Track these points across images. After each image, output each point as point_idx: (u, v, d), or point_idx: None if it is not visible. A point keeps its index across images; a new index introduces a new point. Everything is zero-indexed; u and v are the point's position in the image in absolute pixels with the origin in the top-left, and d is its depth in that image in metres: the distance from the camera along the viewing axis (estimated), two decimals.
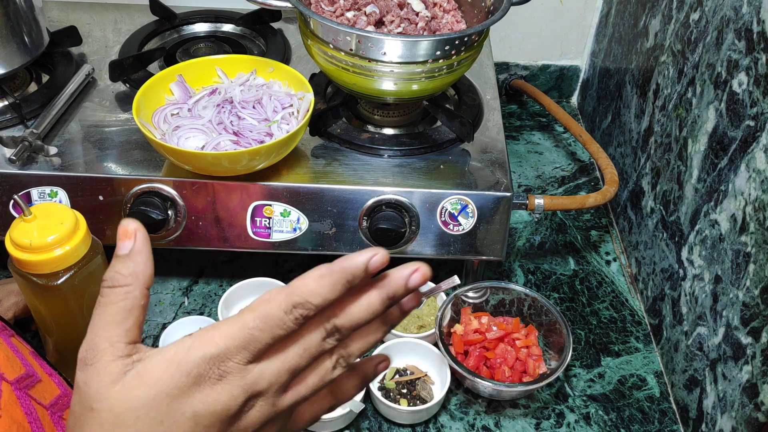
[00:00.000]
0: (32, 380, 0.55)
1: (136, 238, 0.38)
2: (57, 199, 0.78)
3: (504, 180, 0.81)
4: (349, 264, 0.37)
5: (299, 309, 0.36)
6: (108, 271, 0.39)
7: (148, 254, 0.39)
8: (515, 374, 0.77)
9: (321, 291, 0.36)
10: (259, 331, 0.36)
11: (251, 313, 0.36)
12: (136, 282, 0.38)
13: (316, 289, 0.36)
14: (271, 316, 0.36)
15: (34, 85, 0.93)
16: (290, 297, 0.36)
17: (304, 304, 0.36)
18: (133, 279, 0.38)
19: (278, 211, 0.79)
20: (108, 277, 0.39)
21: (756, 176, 0.65)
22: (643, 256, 0.92)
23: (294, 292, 0.36)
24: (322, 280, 0.36)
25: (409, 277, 0.40)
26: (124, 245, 0.38)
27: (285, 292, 0.36)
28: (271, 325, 0.36)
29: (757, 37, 0.65)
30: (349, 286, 0.37)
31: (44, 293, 0.66)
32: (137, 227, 0.38)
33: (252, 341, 0.36)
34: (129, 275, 0.38)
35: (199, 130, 0.78)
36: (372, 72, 0.76)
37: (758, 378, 0.63)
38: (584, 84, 1.27)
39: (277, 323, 0.36)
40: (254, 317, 0.36)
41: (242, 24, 1.05)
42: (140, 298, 0.38)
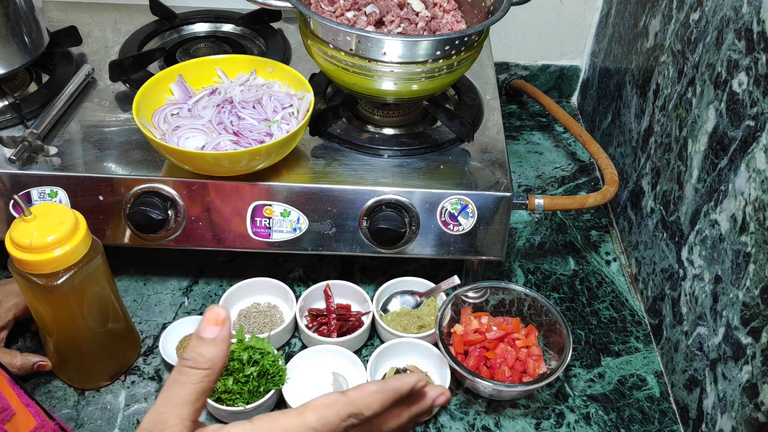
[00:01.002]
0: (7, 414, 0.56)
1: (224, 326, 0.42)
2: (57, 199, 0.78)
3: (504, 180, 0.81)
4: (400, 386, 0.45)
5: (353, 419, 0.42)
6: (190, 350, 0.41)
7: (229, 343, 0.43)
8: (515, 374, 0.77)
9: (373, 405, 0.43)
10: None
11: (313, 414, 0.41)
12: (214, 367, 0.41)
13: (371, 404, 0.43)
14: (330, 422, 0.41)
15: (34, 85, 0.93)
16: (348, 407, 0.42)
17: (358, 414, 0.42)
18: (213, 364, 0.41)
19: (278, 211, 0.79)
20: (189, 357, 0.41)
21: (756, 176, 0.65)
22: (643, 256, 0.92)
23: (352, 403, 0.42)
24: (377, 396, 0.43)
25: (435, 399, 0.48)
26: (212, 330, 0.41)
27: (344, 401, 0.42)
28: (328, 428, 0.41)
29: (757, 37, 0.65)
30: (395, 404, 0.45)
31: (44, 293, 0.66)
32: (227, 316, 0.42)
33: None
34: (210, 360, 0.41)
35: (199, 130, 0.78)
36: (372, 72, 0.76)
37: (758, 378, 0.63)
38: (584, 84, 1.27)
39: (333, 428, 0.42)
40: (316, 419, 0.41)
41: (242, 24, 1.05)
42: (213, 382, 0.42)
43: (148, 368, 0.80)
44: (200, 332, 0.41)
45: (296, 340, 0.84)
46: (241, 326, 0.82)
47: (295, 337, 0.84)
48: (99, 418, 0.75)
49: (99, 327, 0.73)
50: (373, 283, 0.90)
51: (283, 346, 0.83)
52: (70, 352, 0.73)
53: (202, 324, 0.42)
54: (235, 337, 0.73)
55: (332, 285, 0.85)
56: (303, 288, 0.86)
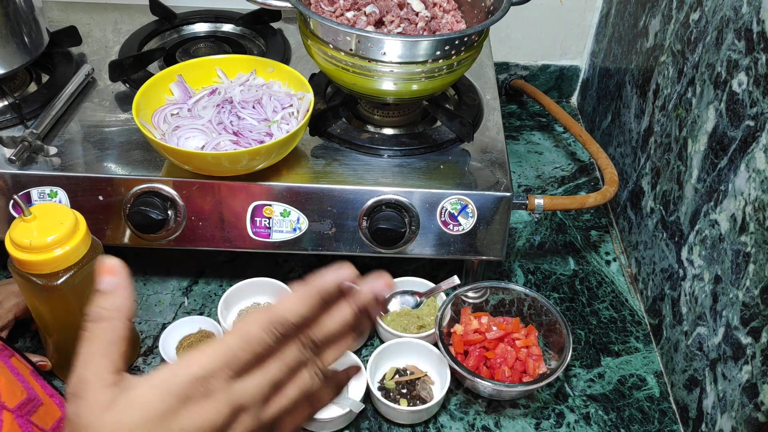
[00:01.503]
0: (34, 405, 0.55)
1: (119, 274, 0.41)
2: (57, 199, 0.78)
3: (504, 180, 0.81)
4: (322, 282, 0.41)
5: (278, 327, 0.39)
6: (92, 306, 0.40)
7: (129, 289, 0.41)
8: (515, 374, 0.77)
9: (297, 309, 0.40)
10: (241, 350, 0.38)
11: (233, 334, 0.39)
12: (118, 316, 0.40)
13: (293, 308, 0.40)
14: (252, 335, 0.39)
15: (34, 85, 0.93)
16: (269, 316, 0.39)
17: (282, 322, 0.39)
18: (117, 313, 0.40)
19: (278, 211, 0.79)
20: (91, 311, 0.40)
21: (756, 176, 0.65)
22: (643, 256, 0.92)
23: (273, 312, 0.39)
24: (299, 299, 0.40)
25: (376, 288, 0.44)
26: (107, 280, 0.41)
27: (264, 312, 0.39)
28: (252, 344, 0.39)
29: (757, 37, 0.65)
30: (323, 303, 0.41)
31: (44, 293, 0.66)
32: (118, 263, 0.41)
33: (234, 359, 0.38)
34: (112, 310, 0.40)
35: (199, 130, 0.78)
36: (372, 72, 0.76)
37: (758, 378, 0.63)
38: (584, 84, 1.27)
39: (258, 341, 0.39)
40: (236, 337, 0.39)
41: (242, 24, 1.05)
42: (123, 330, 0.41)
43: (148, 368, 0.80)
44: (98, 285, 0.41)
45: None
46: None
47: None
48: None
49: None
50: None
51: None
52: (70, 352, 0.73)
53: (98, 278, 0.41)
54: None
55: None
56: None
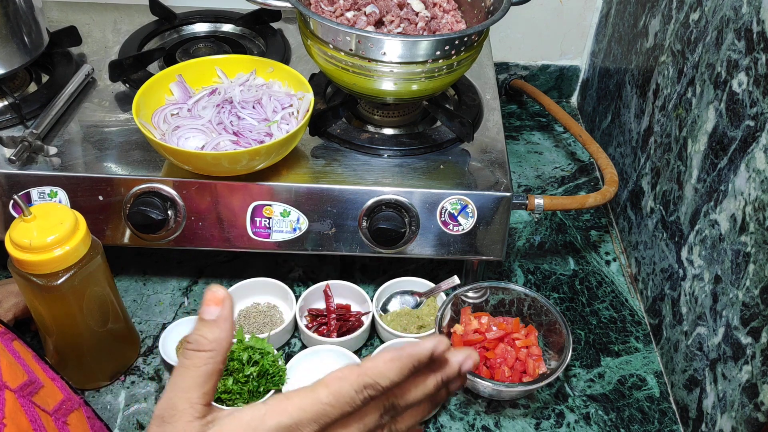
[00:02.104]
0: (35, 386, 0.55)
1: (224, 305, 0.41)
2: (57, 199, 0.78)
3: (504, 180, 0.81)
4: (417, 351, 0.41)
5: (369, 390, 0.40)
6: (193, 333, 0.41)
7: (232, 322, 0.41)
8: (515, 374, 0.77)
9: (390, 375, 0.40)
10: (331, 407, 0.39)
11: (325, 389, 0.39)
12: (218, 348, 0.41)
13: (386, 373, 0.40)
14: (344, 395, 0.39)
15: (34, 85, 0.93)
16: (362, 378, 0.39)
17: (374, 385, 0.40)
18: (217, 345, 0.41)
19: (278, 211, 0.79)
20: (193, 340, 0.41)
21: (756, 176, 0.65)
22: (643, 256, 0.92)
23: (366, 374, 0.40)
24: (392, 364, 0.40)
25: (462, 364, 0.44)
26: (212, 311, 0.41)
27: (357, 372, 0.40)
28: (342, 402, 0.39)
29: (757, 37, 0.65)
30: (415, 372, 0.41)
31: (44, 293, 0.66)
32: (226, 295, 0.41)
33: (323, 415, 0.39)
34: (213, 341, 0.40)
35: (199, 130, 0.78)
36: (372, 72, 0.76)
37: (758, 378, 0.63)
38: (584, 84, 1.27)
39: (348, 401, 0.39)
40: (328, 393, 0.39)
41: (242, 24, 1.05)
42: (220, 363, 0.41)
43: (147, 368, 0.80)
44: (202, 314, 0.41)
45: (296, 340, 0.84)
46: (241, 326, 0.82)
47: (294, 337, 0.84)
48: None
49: (99, 327, 0.73)
50: (373, 283, 0.90)
51: (283, 346, 0.83)
52: (69, 352, 0.73)
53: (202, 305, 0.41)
54: (235, 337, 0.73)
55: (332, 285, 0.85)
56: (303, 288, 0.87)
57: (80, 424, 0.59)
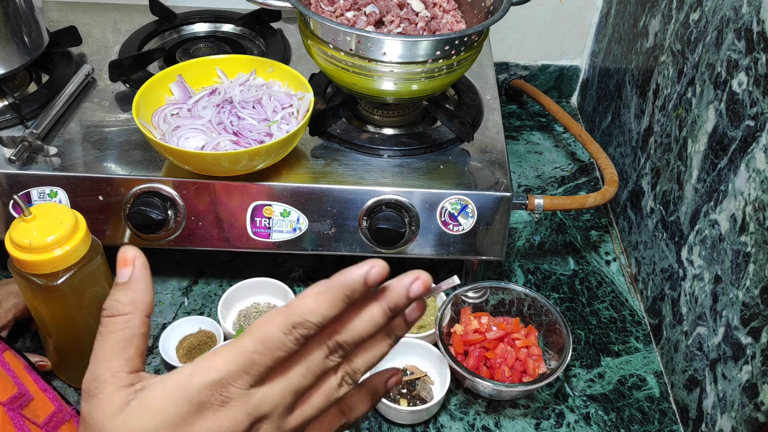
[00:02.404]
0: (25, 399, 0.55)
1: (135, 265, 0.38)
2: (57, 199, 0.78)
3: (504, 180, 0.81)
4: (347, 278, 0.36)
5: (299, 329, 0.36)
6: (108, 300, 0.38)
7: (147, 282, 0.38)
8: (515, 374, 0.77)
9: (320, 309, 0.36)
10: (260, 354, 0.35)
11: (250, 337, 0.36)
12: (135, 311, 0.38)
13: (315, 307, 0.36)
14: (271, 338, 0.35)
15: (34, 85, 0.93)
16: (289, 317, 0.35)
17: (303, 323, 0.36)
18: (133, 307, 0.38)
19: (278, 211, 0.79)
20: (107, 305, 0.38)
21: (756, 176, 0.65)
22: (643, 256, 0.92)
23: (293, 312, 0.36)
24: (321, 297, 0.36)
25: (410, 286, 0.38)
26: (123, 272, 0.38)
27: (283, 312, 0.36)
28: (271, 347, 0.35)
29: (757, 37, 0.65)
30: (348, 301, 0.37)
31: (44, 293, 0.66)
32: (136, 254, 0.38)
33: (253, 365, 0.35)
34: (128, 303, 0.38)
35: (199, 130, 0.78)
36: (372, 72, 0.76)
37: (758, 378, 0.63)
38: (584, 84, 1.27)
39: (277, 345, 0.35)
40: (253, 341, 0.35)
41: (242, 24, 1.05)
42: (140, 326, 0.38)
43: (147, 368, 0.80)
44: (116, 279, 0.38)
45: None
46: (241, 326, 0.82)
47: None
48: None
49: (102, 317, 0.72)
50: None
51: None
52: (70, 352, 0.73)
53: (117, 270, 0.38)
54: (235, 337, 0.73)
55: None
56: (303, 288, 0.86)
57: None
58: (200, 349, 0.79)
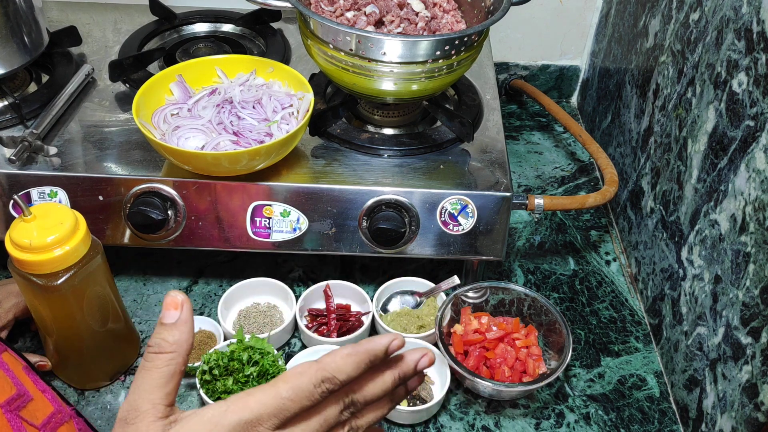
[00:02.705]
0: (23, 400, 0.55)
1: (183, 309, 0.42)
2: (57, 199, 0.78)
3: (504, 180, 0.81)
4: (373, 346, 0.43)
5: (327, 384, 0.41)
6: (154, 337, 0.42)
7: (192, 326, 0.43)
8: (515, 374, 0.77)
9: (347, 369, 0.42)
10: (291, 402, 0.40)
11: (285, 384, 0.41)
12: (179, 350, 0.42)
13: (343, 367, 0.42)
14: (303, 389, 0.41)
15: (34, 85, 0.93)
16: (320, 372, 0.41)
17: (332, 379, 0.41)
18: (177, 347, 0.42)
19: (278, 211, 0.79)
20: (154, 343, 0.42)
21: (756, 176, 0.65)
22: (643, 256, 0.92)
23: (324, 368, 0.41)
24: (349, 359, 0.42)
25: (419, 361, 0.46)
26: (171, 315, 0.42)
27: (316, 367, 0.41)
28: (302, 396, 0.41)
29: (757, 37, 0.65)
30: (370, 366, 0.43)
31: (44, 293, 0.66)
32: (185, 299, 0.43)
33: (283, 410, 0.40)
34: (174, 343, 0.42)
35: (199, 130, 0.78)
36: (372, 72, 0.76)
37: (758, 378, 0.63)
38: (584, 84, 1.27)
39: (307, 396, 0.41)
40: (288, 388, 0.40)
41: (242, 24, 1.05)
42: (182, 364, 0.42)
43: None
44: (162, 318, 0.43)
45: (296, 340, 0.84)
46: (241, 326, 0.82)
47: (295, 337, 0.84)
48: (99, 418, 0.75)
49: (99, 327, 0.73)
50: (373, 283, 0.90)
51: (283, 346, 0.83)
52: (70, 352, 0.73)
53: (162, 311, 0.43)
54: (235, 337, 0.73)
55: (332, 285, 0.85)
56: (303, 288, 0.87)
57: None
58: (200, 348, 0.79)
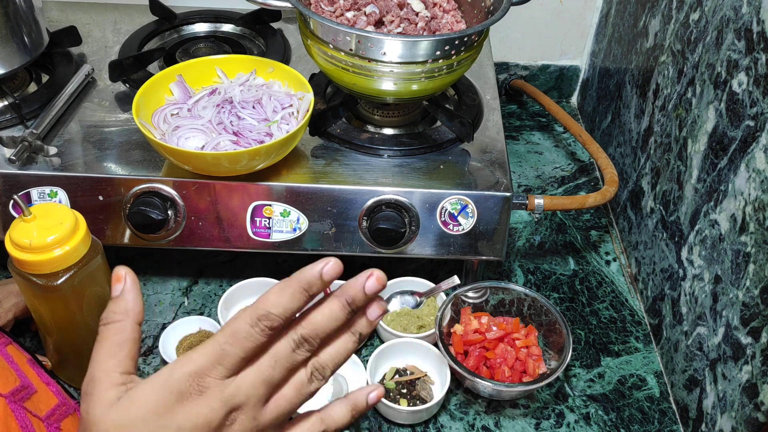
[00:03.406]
0: (27, 392, 0.55)
1: (126, 280, 0.43)
2: (57, 199, 0.78)
3: (504, 180, 0.81)
4: (305, 274, 0.41)
5: (263, 321, 0.39)
6: (104, 312, 0.43)
7: (137, 294, 0.43)
8: (515, 374, 0.77)
9: (281, 301, 0.40)
10: (230, 346, 0.39)
11: (222, 331, 0.40)
12: (126, 318, 0.42)
13: (277, 300, 0.40)
14: (240, 330, 0.39)
15: (34, 85, 0.93)
16: (254, 311, 0.40)
17: (267, 315, 0.39)
18: (124, 315, 0.42)
19: (278, 211, 0.79)
20: (103, 316, 0.43)
21: (756, 176, 0.65)
22: (643, 256, 0.92)
23: (258, 306, 0.40)
24: (281, 291, 0.40)
25: (365, 283, 0.42)
26: (116, 287, 0.43)
27: (250, 308, 0.40)
28: (240, 338, 0.39)
29: (757, 37, 0.65)
30: (307, 294, 0.41)
31: (44, 293, 0.66)
32: (127, 271, 0.43)
33: (225, 356, 0.39)
34: (120, 312, 0.42)
35: (199, 130, 0.78)
36: (372, 72, 0.76)
37: (758, 378, 0.63)
38: (584, 84, 1.27)
39: (245, 336, 0.39)
40: (224, 333, 0.40)
41: (242, 24, 1.05)
42: (131, 332, 0.42)
43: (148, 368, 0.80)
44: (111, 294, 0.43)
45: None
46: None
47: None
48: None
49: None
50: None
51: None
52: (69, 352, 0.73)
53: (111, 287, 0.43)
54: None
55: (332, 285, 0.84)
56: None
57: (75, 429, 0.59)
58: None
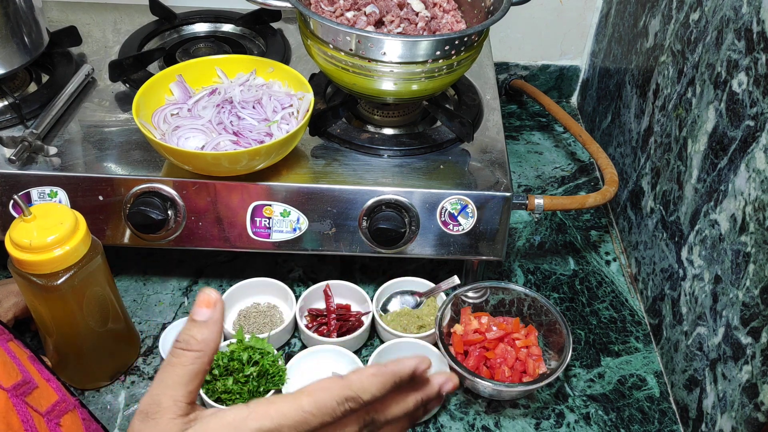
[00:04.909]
0: (29, 387, 0.55)
1: (215, 308, 0.42)
2: (57, 199, 0.78)
3: (504, 180, 0.81)
4: (400, 368, 0.42)
5: (350, 402, 0.41)
6: (183, 332, 0.42)
7: (221, 327, 0.43)
8: (515, 374, 0.77)
9: (372, 389, 0.41)
10: (312, 416, 0.40)
11: (308, 397, 0.40)
12: (206, 349, 0.41)
13: (368, 387, 0.41)
14: (326, 405, 0.40)
15: (34, 85, 0.93)
16: (345, 390, 0.40)
17: (356, 398, 0.41)
18: (205, 346, 0.41)
19: (278, 211, 0.79)
20: (182, 339, 0.42)
21: (756, 176, 0.65)
22: (643, 256, 0.92)
23: (349, 387, 0.41)
24: (375, 379, 0.41)
25: (442, 385, 0.45)
26: (203, 312, 0.42)
27: (341, 384, 0.41)
28: (324, 412, 0.40)
29: (757, 37, 0.65)
30: (396, 387, 0.42)
31: (44, 293, 0.66)
32: (218, 299, 0.42)
33: (303, 423, 0.40)
34: (201, 341, 0.41)
35: (199, 130, 0.78)
36: (372, 72, 0.76)
37: (758, 378, 0.63)
38: (584, 84, 1.27)
39: (329, 412, 0.40)
40: (310, 402, 0.40)
41: (242, 24, 1.05)
42: (207, 364, 0.42)
43: (148, 368, 0.80)
44: (193, 315, 0.42)
45: (296, 340, 0.84)
46: (241, 326, 0.82)
47: (295, 337, 0.84)
48: (99, 417, 0.74)
49: (99, 327, 0.73)
50: (373, 283, 0.90)
51: (283, 346, 0.83)
52: (70, 352, 0.73)
53: (194, 307, 0.42)
54: (235, 337, 0.73)
55: (332, 285, 0.85)
56: (303, 288, 0.87)
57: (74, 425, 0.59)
58: None
